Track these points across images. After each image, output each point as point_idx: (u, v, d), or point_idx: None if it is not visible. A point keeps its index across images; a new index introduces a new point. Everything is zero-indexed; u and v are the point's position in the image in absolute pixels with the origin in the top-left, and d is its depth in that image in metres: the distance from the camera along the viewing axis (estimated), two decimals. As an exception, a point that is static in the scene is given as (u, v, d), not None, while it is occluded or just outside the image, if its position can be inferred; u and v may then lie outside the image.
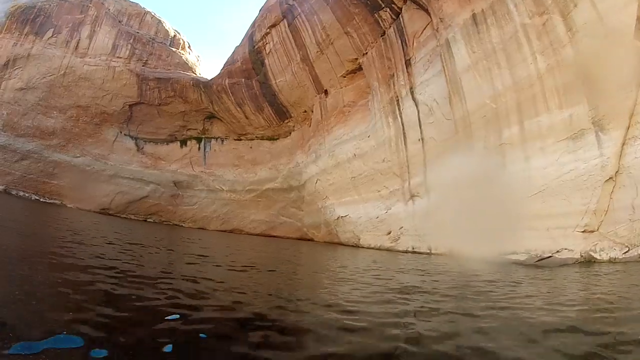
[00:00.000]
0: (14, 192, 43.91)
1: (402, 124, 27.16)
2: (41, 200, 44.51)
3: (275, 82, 39.80)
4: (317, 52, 34.97)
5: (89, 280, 5.82)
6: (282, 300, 6.25)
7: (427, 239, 24.50)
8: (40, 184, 44.66)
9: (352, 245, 32.27)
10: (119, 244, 12.55)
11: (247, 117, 43.13)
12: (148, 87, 44.72)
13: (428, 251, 23.99)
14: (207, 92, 43.78)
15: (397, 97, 27.73)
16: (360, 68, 33.01)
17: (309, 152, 38.06)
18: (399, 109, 27.52)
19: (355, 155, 31.89)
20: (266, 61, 40.15)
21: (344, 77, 34.57)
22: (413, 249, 25.21)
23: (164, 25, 50.70)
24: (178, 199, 46.26)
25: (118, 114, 45.40)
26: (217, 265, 10.85)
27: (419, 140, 25.83)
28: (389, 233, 27.95)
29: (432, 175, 24.71)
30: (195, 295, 5.81)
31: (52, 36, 45.80)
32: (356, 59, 32.83)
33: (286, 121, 41.77)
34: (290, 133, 42.07)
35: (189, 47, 51.88)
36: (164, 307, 4.77)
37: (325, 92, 36.48)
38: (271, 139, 43.51)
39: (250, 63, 41.47)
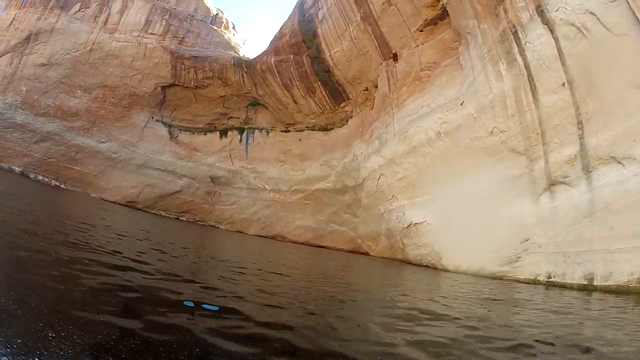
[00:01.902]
0: (32, 176, 35.92)
1: (526, 67, 16.48)
2: (62, 186, 36.39)
3: (330, 55, 29.79)
4: (382, 3, 24.82)
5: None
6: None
7: (585, 261, 13.83)
8: (62, 169, 36.48)
9: (426, 266, 22.42)
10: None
11: (295, 102, 33.41)
12: (183, 66, 35.64)
13: (585, 282, 13.26)
14: (250, 72, 34.32)
15: (514, 27, 16.88)
16: (442, 16, 22.64)
17: (370, 139, 27.83)
18: (519, 46, 16.69)
19: (440, 133, 21.49)
20: (319, 30, 30.25)
21: (421, 31, 24.19)
22: (549, 277, 14.57)
23: (204, 2, 41.41)
24: (214, 197, 37.27)
25: (149, 97, 36.60)
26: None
27: (564, 84, 15.01)
28: (500, 250, 17.61)
29: (601, 140, 14.02)
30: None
31: (79, 10, 37.42)
32: (437, 0, 22.74)
33: (342, 105, 31.69)
34: (347, 121, 31.99)
35: (234, 27, 42.53)
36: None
37: (394, 56, 26.08)
38: (324, 129, 33.66)
39: (300, 35, 31.65)
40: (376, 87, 28.17)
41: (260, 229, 35.71)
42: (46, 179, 36.37)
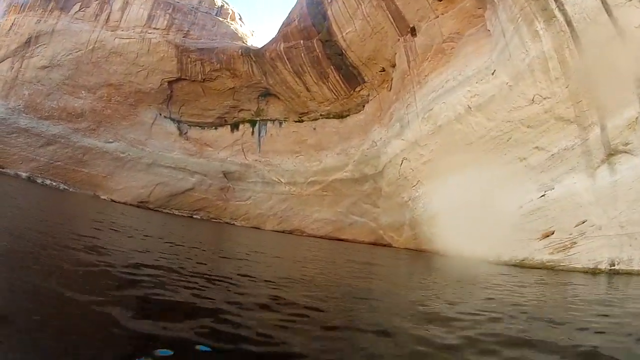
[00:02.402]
0: (39, 180, 33.95)
1: (568, 23, 14.19)
2: (71, 190, 34.32)
3: (342, 36, 27.55)
4: (395, -26, 22.77)
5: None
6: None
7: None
8: (70, 172, 34.46)
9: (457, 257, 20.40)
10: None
11: (308, 90, 31.28)
12: (189, 59, 33.57)
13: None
14: (259, 62, 32.23)
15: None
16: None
17: (390, 123, 25.63)
18: (556, 0, 14.51)
19: (469, 107, 19.29)
20: (329, 12, 28.01)
21: (439, 0, 22.15)
22: (612, 265, 12.08)
23: (209, -7, 39.39)
24: (228, 193, 35.28)
25: (156, 93, 34.58)
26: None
27: (615, 37, 12.84)
28: (549, 235, 15.18)
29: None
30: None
31: (79, 10, 35.44)
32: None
33: (358, 89, 29.45)
34: (363, 106, 29.78)
35: (240, 19, 40.36)
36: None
37: (412, 30, 23.94)
38: (339, 116, 31.48)
39: (309, 19, 29.41)
40: (393, 66, 26.06)
41: (277, 224, 33.71)
42: (54, 183, 34.45)
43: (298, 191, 32.92)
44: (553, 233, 14.81)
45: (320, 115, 32.04)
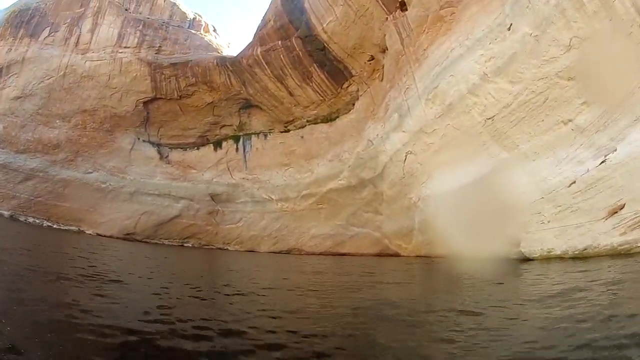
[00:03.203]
0: (22, 219, 30.71)
1: None
2: (55, 226, 30.94)
3: (323, 28, 23.57)
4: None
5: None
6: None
7: None
8: (51, 208, 31.03)
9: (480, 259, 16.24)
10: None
11: (291, 94, 27.22)
12: (163, 76, 30.07)
13: None
14: (237, 70, 28.44)
15: None
16: None
17: (386, 116, 21.46)
18: None
19: (485, 74, 15.13)
20: (306, 4, 24.25)
21: None
22: None
23: (179, 7, 35.96)
24: (218, 216, 31.39)
25: (132, 116, 31.11)
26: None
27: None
28: (618, 210, 10.79)
29: None
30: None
31: (48, 35, 32.48)
32: None
33: (345, 85, 25.29)
34: (353, 104, 25.49)
35: (215, 30, 37.05)
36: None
37: (401, 4, 19.90)
38: (328, 119, 27.21)
39: (285, 16, 25.54)
40: (384, 51, 21.92)
41: (272, 244, 29.53)
42: (37, 220, 31.18)
43: (291, 207, 28.77)
44: (623, 207, 10.37)
45: (307, 121, 27.96)
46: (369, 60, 23.51)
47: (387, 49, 21.58)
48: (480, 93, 15.90)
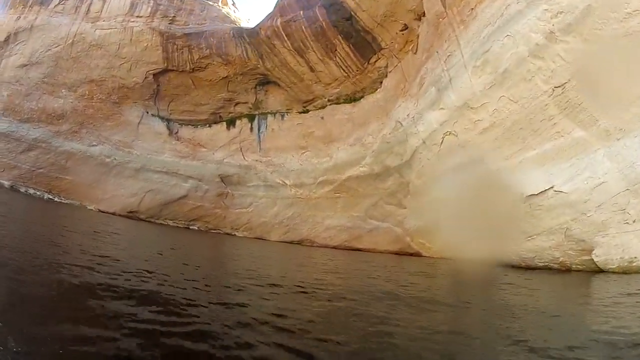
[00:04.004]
0: (23, 189, 28.00)
1: None
2: (56, 199, 28.24)
3: (350, -6, 20.26)
4: None
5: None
6: None
7: None
8: (53, 180, 28.33)
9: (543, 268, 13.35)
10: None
11: (312, 70, 23.92)
12: (175, 47, 26.99)
13: None
14: (254, 43, 25.22)
15: None
16: None
17: (420, 92, 17.91)
18: None
19: (552, 32, 11.68)
20: (332, -32, 20.96)
21: None
22: None
23: (197, -23, 32.93)
24: (227, 199, 28.41)
25: (141, 88, 28.17)
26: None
27: None
28: None
29: None
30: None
31: (59, 3, 29.44)
32: None
33: (373, 60, 21.80)
34: (380, 82, 22.18)
35: (234, 4, 33.70)
36: None
37: None
38: (352, 99, 23.89)
39: (309, -18, 22.55)
40: (419, 17, 18.45)
41: (283, 233, 26.44)
42: (38, 192, 28.52)
43: (306, 194, 25.61)
44: None
45: (328, 101, 24.65)
46: (401, 30, 19.98)
47: (424, 14, 18.13)
48: (546, 55, 12.49)
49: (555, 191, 13.55)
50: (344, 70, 22.89)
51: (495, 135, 14.95)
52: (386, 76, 21.87)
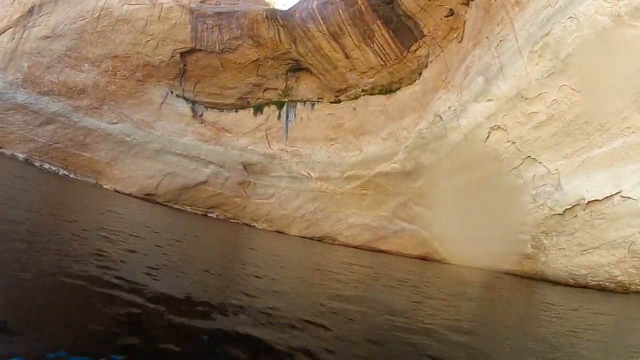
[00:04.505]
0: (37, 164, 26.52)
1: None
2: (71, 176, 26.70)
3: (396, -27, 18.08)
4: None
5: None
6: None
7: None
8: (70, 156, 26.75)
9: (595, 287, 11.42)
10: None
11: (347, 56, 21.97)
12: (205, 26, 25.30)
13: None
14: (288, 25, 23.41)
15: None
16: None
17: (465, 82, 16.04)
18: None
19: (619, 15, 10.32)
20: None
21: None
22: None
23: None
24: (249, 189, 26.73)
25: (167, 67, 26.51)
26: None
27: None
28: None
29: None
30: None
31: (86, -23, 28.31)
32: None
33: (413, 48, 19.79)
34: (419, 73, 20.27)
35: (269, -13, 31.97)
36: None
37: None
38: (387, 90, 21.87)
39: (352, -39, 20.57)
40: (467, 2, 16.54)
41: (304, 228, 24.71)
42: (53, 167, 27.07)
43: (331, 188, 23.82)
44: None
45: (363, 91, 22.75)
46: (446, 16, 17.95)
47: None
48: (614, 39, 10.73)
49: (623, 197, 11.74)
50: (381, 58, 20.94)
51: (553, 130, 13.07)
52: (426, 66, 19.91)
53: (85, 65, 26.51)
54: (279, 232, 25.07)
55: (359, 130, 22.90)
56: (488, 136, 15.22)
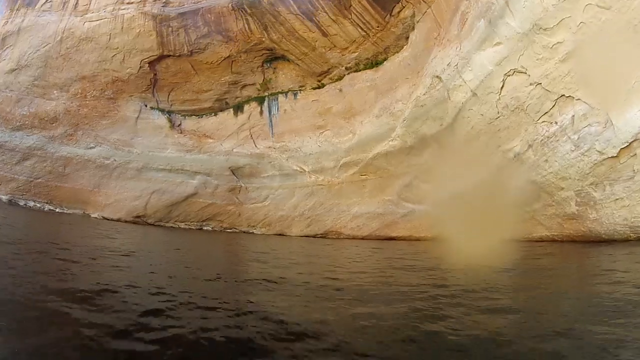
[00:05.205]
0: (22, 203, 24.16)
1: None
2: (57, 210, 24.28)
3: None
4: None
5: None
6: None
7: None
8: (52, 190, 24.30)
9: None
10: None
11: (325, 34, 19.23)
12: (170, 29, 22.90)
13: None
14: (256, 13, 20.93)
15: None
16: None
17: (464, 30, 13.29)
18: None
19: None
20: None
21: None
22: None
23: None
24: (240, 194, 24.08)
25: (136, 79, 23.95)
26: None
27: None
28: None
29: None
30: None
31: (46, 2, 25.72)
32: None
33: (396, 10, 17.13)
34: (406, 37, 17.58)
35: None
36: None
37: None
38: (373, 63, 19.08)
39: None
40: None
41: (305, 227, 21.89)
42: (38, 204, 24.61)
43: (328, 180, 21.10)
44: None
45: (346, 69, 20.09)
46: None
47: None
48: None
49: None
50: (362, 29, 18.32)
51: (586, 57, 10.30)
52: (413, 28, 17.24)
53: (54, 92, 24.21)
54: (280, 234, 22.39)
55: (349, 112, 20.24)
56: (503, 85, 12.50)
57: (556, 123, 10.85)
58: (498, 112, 12.74)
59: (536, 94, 11.23)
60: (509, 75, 12.11)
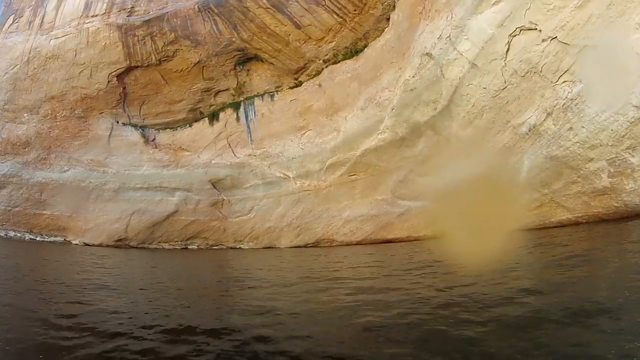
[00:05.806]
0: (2, 233, 22.29)
1: None
2: (38, 239, 22.26)
3: None
4: None
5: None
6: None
7: None
8: (31, 218, 22.27)
9: None
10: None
11: (298, 26, 17.05)
12: (136, 38, 20.82)
13: None
14: (224, 12, 18.76)
15: None
16: None
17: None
18: None
19: None
20: None
21: None
22: None
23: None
24: (224, 208, 21.69)
25: (106, 95, 21.80)
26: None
27: None
28: None
29: None
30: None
31: (12, 23, 24.28)
32: None
33: None
34: (387, 18, 15.23)
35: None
36: None
37: None
38: (353, 52, 16.97)
39: None
40: None
41: (295, 237, 19.42)
42: (19, 234, 22.70)
43: (314, 184, 18.68)
44: None
45: (324, 62, 17.77)
46: None
47: None
48: None
49: None
50: (337, 15, 16.10)
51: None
52: (394, 7, 15.01)
53: (25, 115, 22.29)
54: (269, 247, 19.97)
55: (331, 109, 17.90)
56: (508, 48, 10.14)
57: (580, 81, 8.46)
58: (505, 82, 10.35)
59: (552, 51, 8.84)
60: (514, 36, 9.75)
